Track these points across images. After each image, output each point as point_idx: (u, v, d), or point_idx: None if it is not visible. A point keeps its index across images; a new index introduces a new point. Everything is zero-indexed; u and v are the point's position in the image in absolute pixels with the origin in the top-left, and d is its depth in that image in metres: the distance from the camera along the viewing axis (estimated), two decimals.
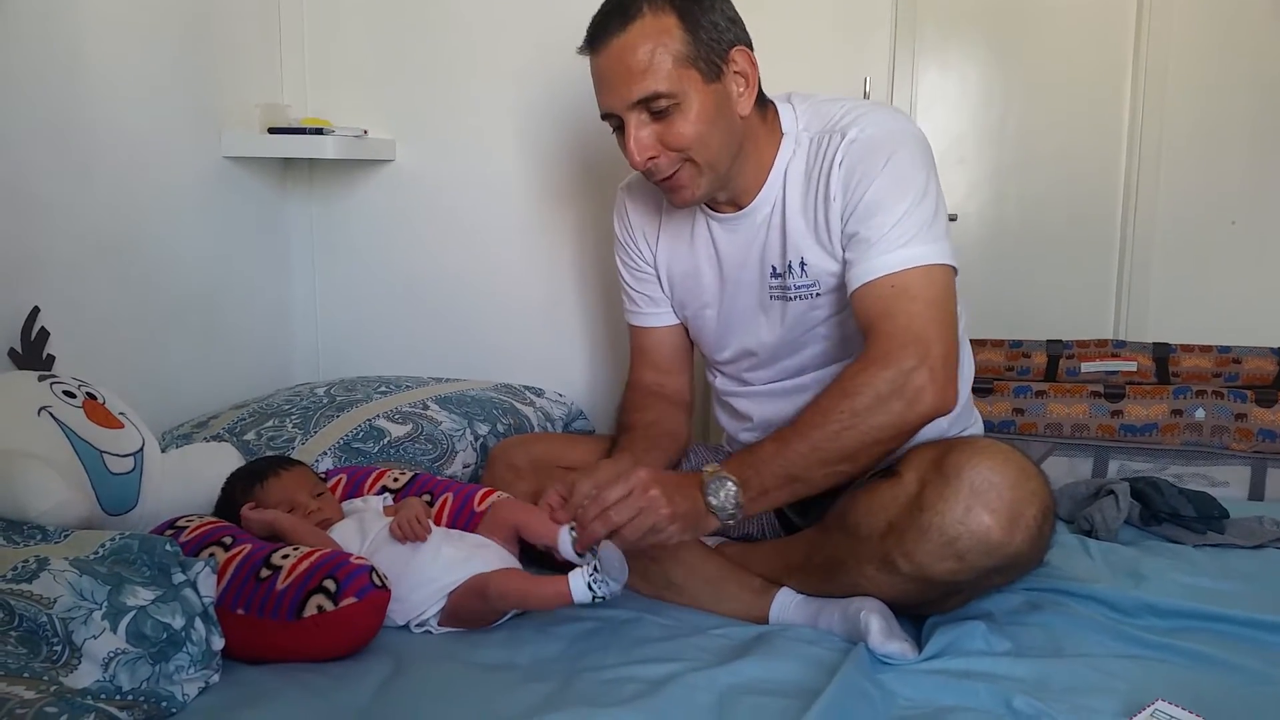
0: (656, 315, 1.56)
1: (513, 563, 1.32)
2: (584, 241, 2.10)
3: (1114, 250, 2.71)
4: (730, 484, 1.17)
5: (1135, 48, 2.68)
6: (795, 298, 1.38)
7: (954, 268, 1.27)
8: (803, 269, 1.36)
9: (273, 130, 1.98)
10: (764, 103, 1.36)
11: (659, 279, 1.53)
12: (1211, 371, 2.28)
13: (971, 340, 2.16)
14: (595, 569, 1.17)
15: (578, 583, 1.17)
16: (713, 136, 1.28)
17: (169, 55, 1.81)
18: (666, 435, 1.51)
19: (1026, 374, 2.39)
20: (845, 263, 1.30)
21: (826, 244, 1.33)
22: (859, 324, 1.27)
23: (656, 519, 1.14)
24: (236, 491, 1.40)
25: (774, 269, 1.39)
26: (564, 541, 1.21)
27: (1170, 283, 2.63)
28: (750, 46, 1.31)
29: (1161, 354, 2.32)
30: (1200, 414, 2.02)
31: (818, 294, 1.36)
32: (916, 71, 2.61)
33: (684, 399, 1.59)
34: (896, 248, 1.25)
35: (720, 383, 1.57)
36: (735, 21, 1.30)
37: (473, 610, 1.27)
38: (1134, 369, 2.31)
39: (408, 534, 1.29)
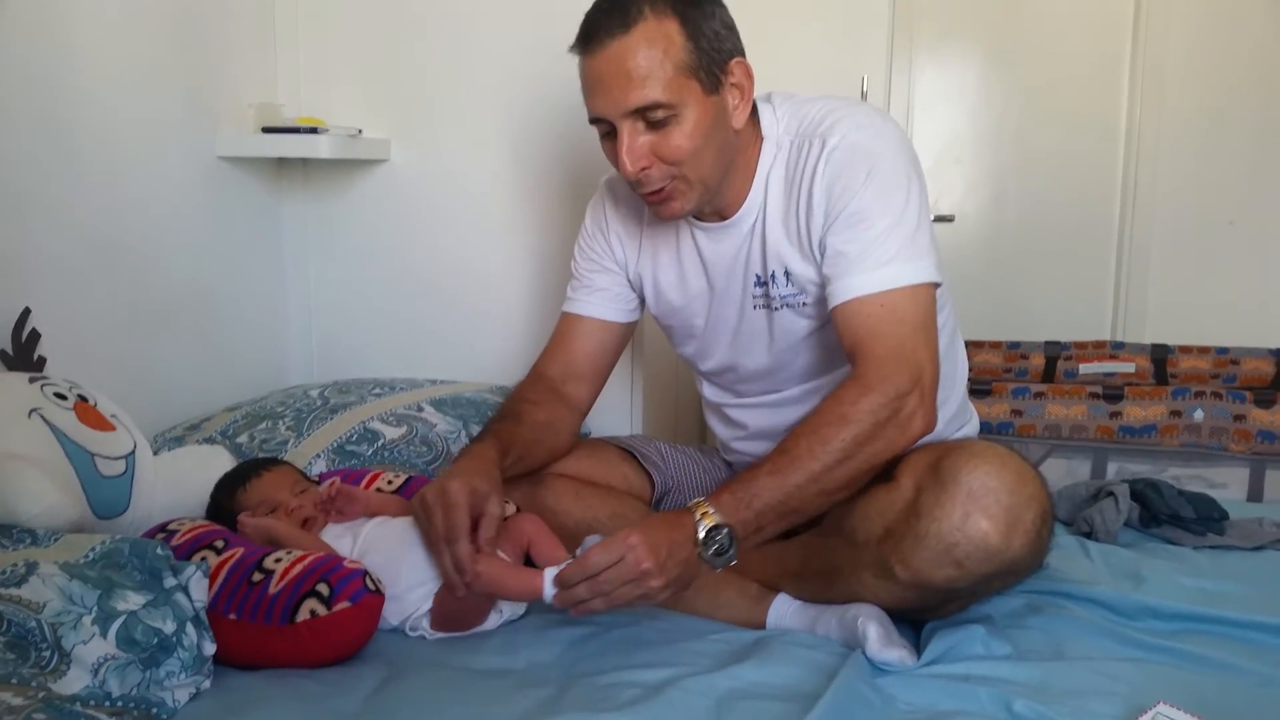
0: (594, 306, 1.49)
1: None
2: None
3: (1112, 251, 2.70)
4: (726, 531, 1.13)
5: (1133, 48, 2.67)
6: (780, 307, 1.36)
7: (937, 284, 1.25)
8: (787, 278, 1.33)
9: (267, 129, 1.96)
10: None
11: (631, 282, 1.49)
12: (1210, 373, 2.28)
13: (969, 342, 2.16)
14: None
15: (551, 578, 1.15)
16: (707, 151, 1.24)
17: (162, 53, 1.80)
18: (549, 450, 1.44)
19: (1024, 375, 2.38)
20: (824, 276, 1.27)
21: (809, 254, 1.30)
22: (844, 342, 1.24)
23: (647, 589, 1.10)
24: (223, 496, 1.40)
25: (757, 277, 1.37)
26: (547, 587, 1.15)
27: (1168, 283, 2.62)
28: (744, 55, 1.27)
29: (1160, 355, 2.32)
30: (1199, 415, 2.01)
31: (804, 303, 1.34)
32: (914, 71, 2.61)
33: (581, 409, 1.51)
34: (881, 265, 1.22)
35: (710, 392, 1.54)
36: (732, 29, 1.26)
37: (451, 605, 1.24)
38: (1132, 370, 2.31)
39: (326, 509, 1.35)
